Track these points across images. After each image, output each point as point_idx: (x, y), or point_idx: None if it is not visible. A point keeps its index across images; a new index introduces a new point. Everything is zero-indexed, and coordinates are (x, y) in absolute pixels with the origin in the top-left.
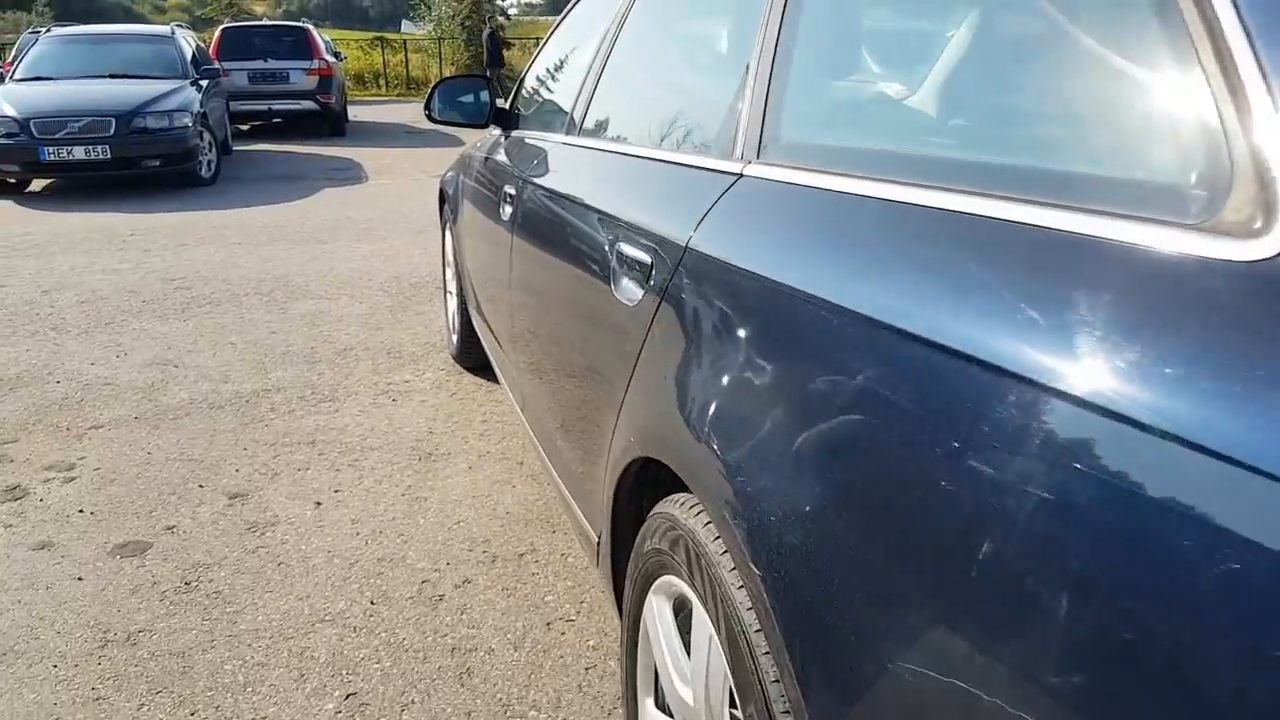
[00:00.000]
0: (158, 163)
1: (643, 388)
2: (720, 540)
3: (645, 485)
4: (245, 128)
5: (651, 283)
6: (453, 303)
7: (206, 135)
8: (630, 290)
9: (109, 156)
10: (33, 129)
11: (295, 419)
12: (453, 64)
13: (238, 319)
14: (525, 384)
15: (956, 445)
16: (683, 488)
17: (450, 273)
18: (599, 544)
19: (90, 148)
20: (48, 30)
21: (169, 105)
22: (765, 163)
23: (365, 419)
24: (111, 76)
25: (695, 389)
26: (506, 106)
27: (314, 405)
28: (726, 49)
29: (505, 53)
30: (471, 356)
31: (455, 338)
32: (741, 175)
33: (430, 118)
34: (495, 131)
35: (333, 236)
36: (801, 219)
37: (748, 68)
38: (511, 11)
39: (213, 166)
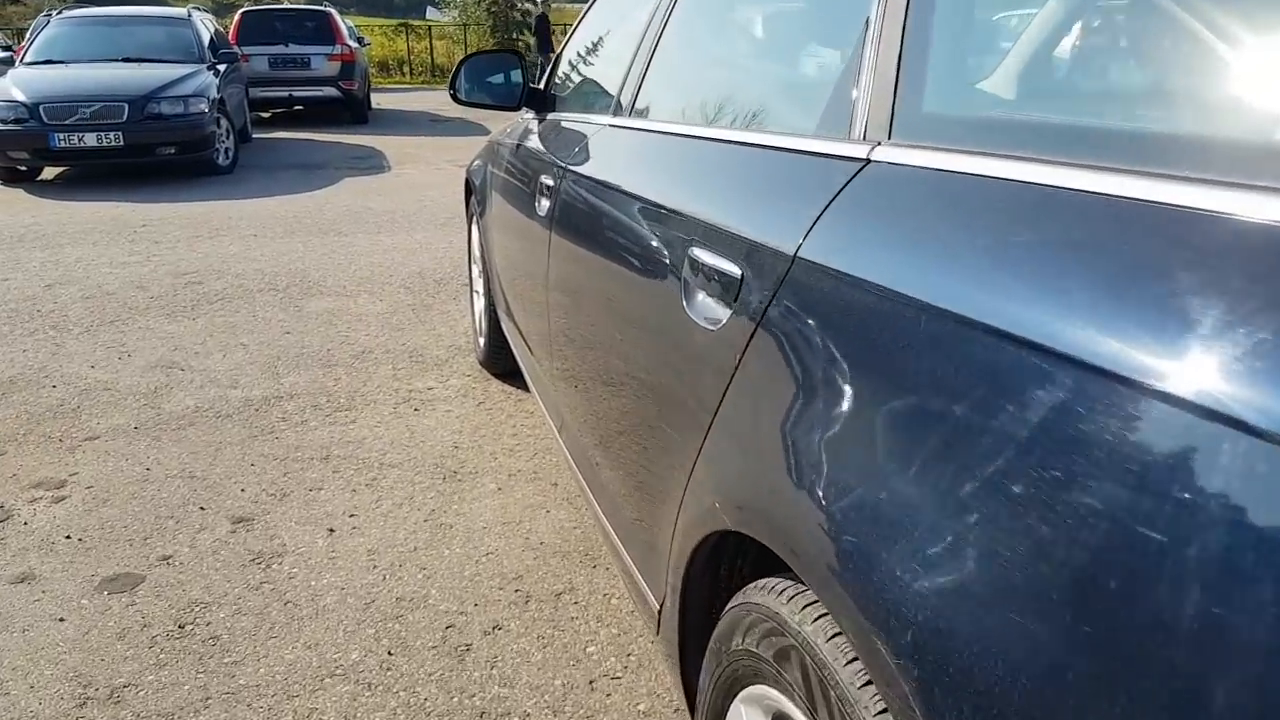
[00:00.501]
0: (173, 150)
1: (730, 438)
2: (861, 668)
3: (726, 550)
4: (266, 115)
5: (742, 302)
6: (480, 303)
7: (224, 122)
8: (711, 310)
9: (122, 143)
10: (42, 114)
11: (308, 430)
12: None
13: (250, 317)
14: (564, 401)
15: (1179, 514)
16: (782, 565)
17: (477, 270)
18: (660, 613)
19: (102, 134)
20: (59, 12)
21: (184, 90)
22: (902, 144)
23: (385, 431)
24: (125, 60)
25: (812, 447)
26: (541, 86)
27: (329, 415)
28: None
29: (533, 38)
30: (500, 362)
31: (482, 341)
32: (869, 161)
33: (456, 99)
34: (528, 115)
35: (353, 229)
36: (957, 218)
37: (869, 20)
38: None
39: (230, 154)
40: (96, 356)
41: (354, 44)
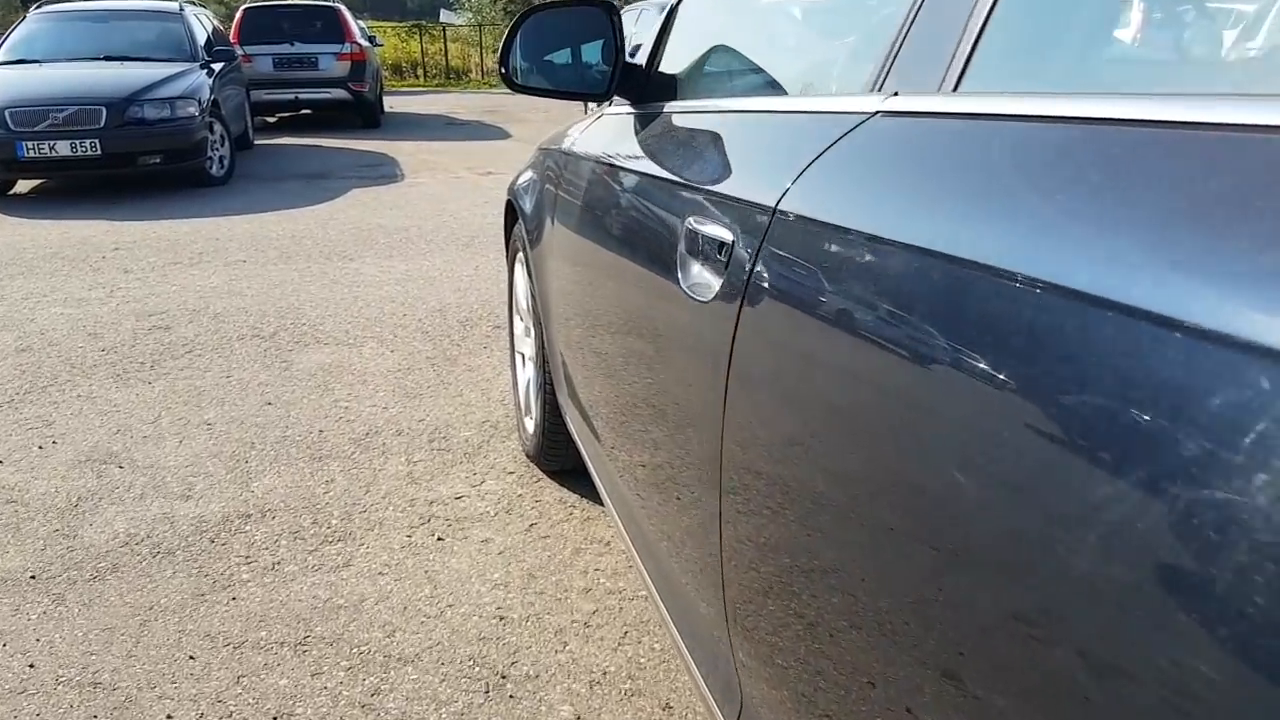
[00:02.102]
0: (158, 159)
1: None
2: None
3: None
4: (273, 120)
5: None
6: (526, 372)
7: (218, 127)
8: None
9: (99, 152)
10: (8, 120)
11: (281, 582)
12: (494, 51)
13: (223, 379)
14: (684, 537)
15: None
16: None
17: (521, 326)
18: None
19: (76, 142)
20: (38, 6)
21: (171, 92)
22: None
23: (393, 585)
24: (107, 59)
25: None
26: (641, 64)
27: (313, 550)
28: None
29: None
30: (557, 457)
31: (530, 424)
32: None
33: (511, 83)
34: (618, 109)
35: (359, 251)
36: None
37: None
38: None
39: (225, 163)
40: (9, 445)
41: (365, 43)
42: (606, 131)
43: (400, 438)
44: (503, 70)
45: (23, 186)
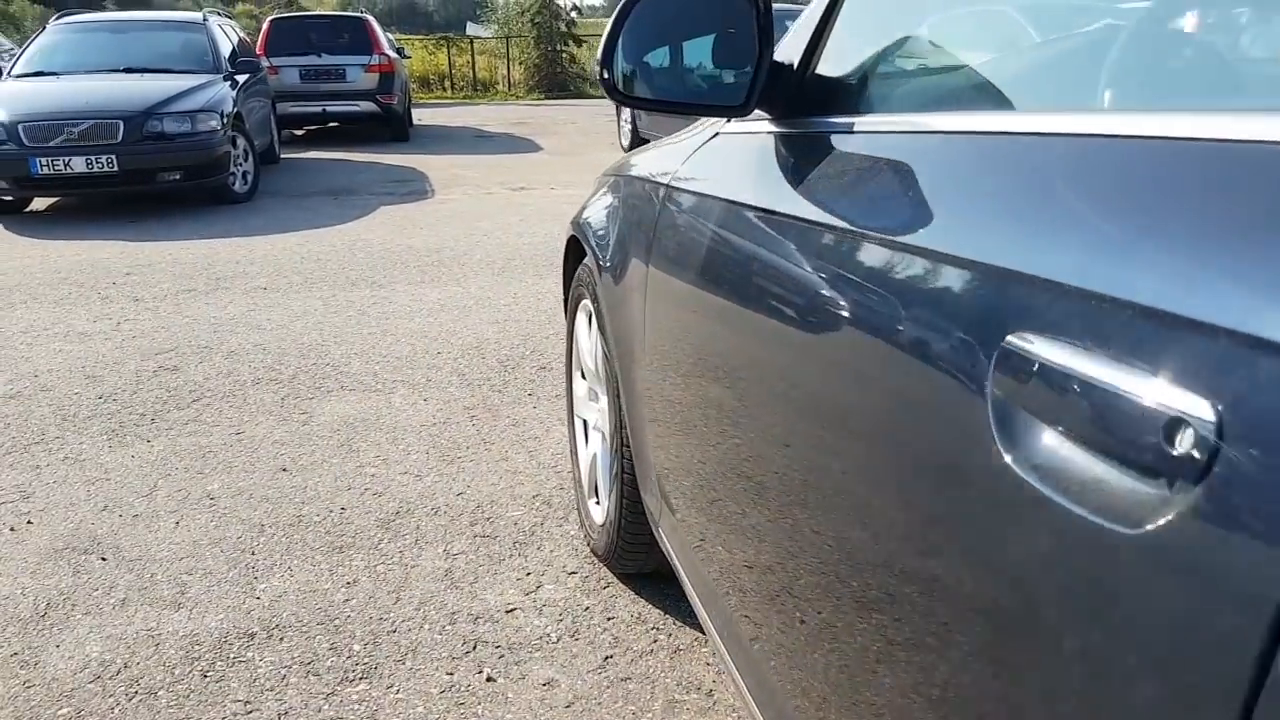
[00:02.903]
0: (178, 175)
1: None
2: None
3: None
4: (300, 132)
5: None
6: (591, 447)
7: (241, 141)
8: None
9: (116, 169)
10: (21, 135)
11: None
12: (522, 63)
13: (232, 437)
14: None
15: None
16: None
17: (585, 387)
18: None
19: (92, 158)
20: (58, 16)
21: (192, 105)
22: None
23: None
24: (127, 71)
25: None
26: (793, 64)
27: (329, 693)
28: None
29: (577, 50)
30: (635, 560)
31: (597, 513)
32: None
33: (614, 91)
34: (744, 127)
35: (389, 276)
36: None
37: None
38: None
39: (249, 179)
40: None
41: (393, 54)
42: (737, 157)
43: (436, 518)
44: (604, 75)
45: (39, 204)
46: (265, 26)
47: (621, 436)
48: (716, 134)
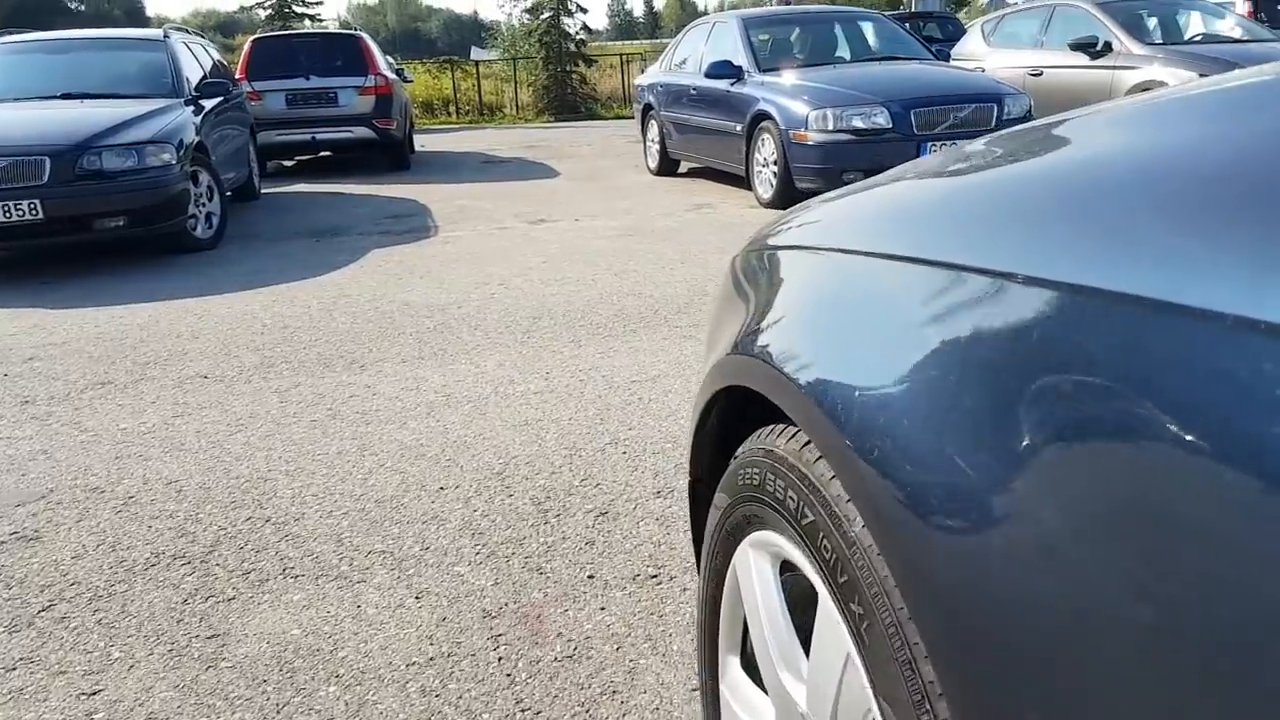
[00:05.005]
0: (122, 221)
1: None
2: None
3: None
4: (290, 163)
5: None
6: None
7: (204, 177)
8: None
9: (40, 215)
10: None
11: None
12: (530, 85)
13: (77, 709)
14: None
15: None
16: None
17: (758, 698)
18: None
19: (10, 204)
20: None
21: (140, 135)
22: None
23: None
24: (64, 97)
25: None
26: None
27: None
28: None
29: (588, 70)
30: None
31: None
32: None
33: None
34: None
35: (376, 351)
36: None
37: None
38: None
39: (214, 221)
40: None
41: (391, 75)
42: None
43: None
44: None
45: None
46: (247, 47)
47: None
48: None
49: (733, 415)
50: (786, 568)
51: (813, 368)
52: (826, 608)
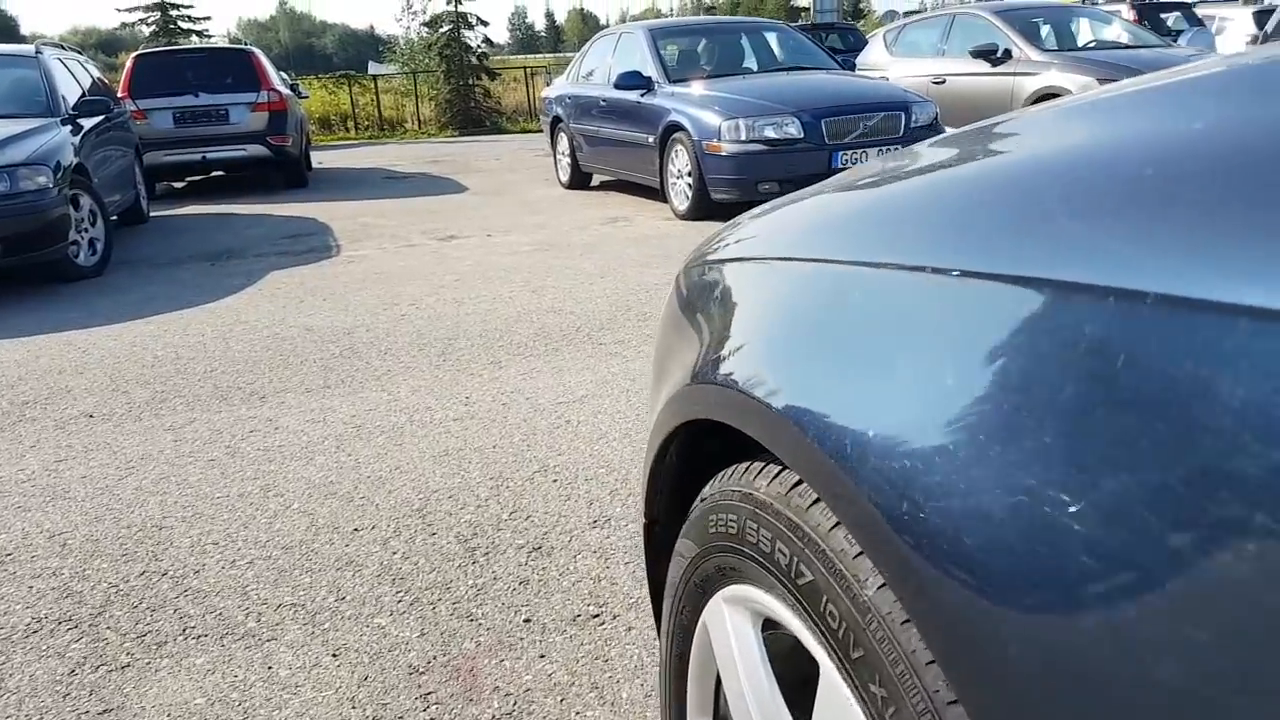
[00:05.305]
0: None
1: None
2: None
3: None
4: (181, 184)
5: None
6: None
7: (86, 200)
8: None
9: None
10: None
11: None
12: (432, 99)
13: None
14: None
15: None
16: None
17: None
18: None
19: None
20: None
21: (11, 158)
22: None
23: None
24: None
25: None
26: None
27: None
28: None
29: (491, 83)
30: None
31: None
32: None
33: None
34: None
35: (278, 380)
36: None
37: None
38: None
39: (99, 248)
40: None
41: (285, 90)
42: None
43: None
44: None
45: None
46: (129, 64)
47: None
48: None
49: (693, 450)
50: (770, 624)
51: (802, 394)
52: (832, 684)
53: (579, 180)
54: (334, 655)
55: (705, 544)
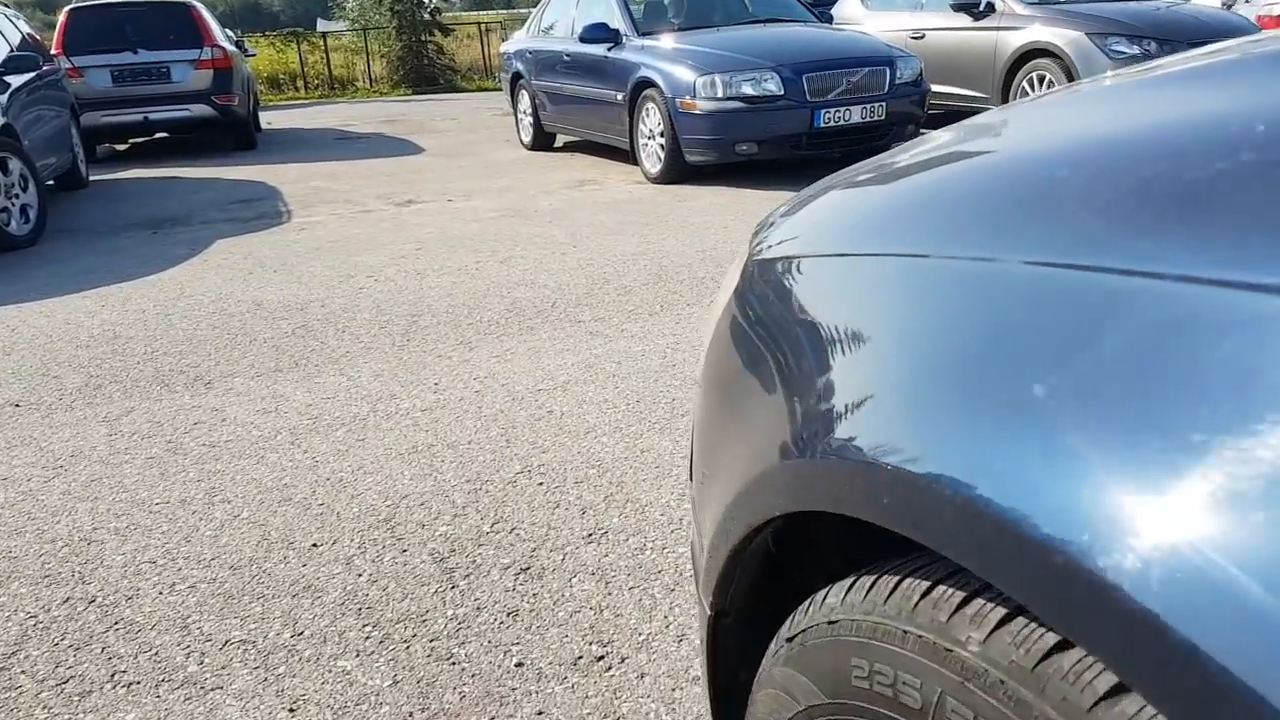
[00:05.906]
0: None
1: None
2: None
3: None
4: (123, 146)
5: None
6: None
7: (15, 164)
8: None
9: None
10: None
11: None
12: (384, 57)
13: None
14: None
15: None
16: None
17: None
18: None
19: None
20: None
21: None
22: None
23: None
24: None
25: None
26: None
27: None
28: None
29: (445, 40)
30: None
31: None
32: None
33: None
34: None
35: (224, 363)
36: None
37: None
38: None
39: (31, 215)
40: None
41: (230, 47)
42: None
43: None
44: None
45: None
46: (63, 18)
47: None
48: None
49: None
50: None
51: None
52: None
53: (542, 141)
54: (290, 710)
55: (837, 694)
